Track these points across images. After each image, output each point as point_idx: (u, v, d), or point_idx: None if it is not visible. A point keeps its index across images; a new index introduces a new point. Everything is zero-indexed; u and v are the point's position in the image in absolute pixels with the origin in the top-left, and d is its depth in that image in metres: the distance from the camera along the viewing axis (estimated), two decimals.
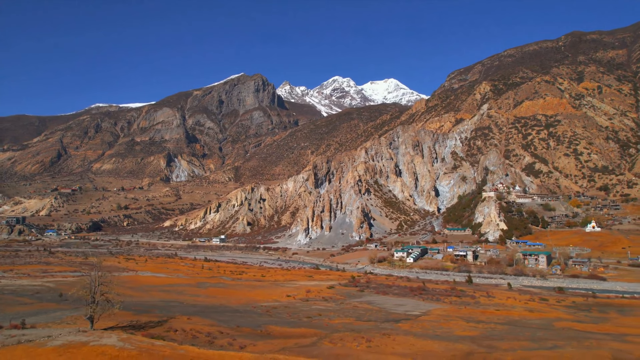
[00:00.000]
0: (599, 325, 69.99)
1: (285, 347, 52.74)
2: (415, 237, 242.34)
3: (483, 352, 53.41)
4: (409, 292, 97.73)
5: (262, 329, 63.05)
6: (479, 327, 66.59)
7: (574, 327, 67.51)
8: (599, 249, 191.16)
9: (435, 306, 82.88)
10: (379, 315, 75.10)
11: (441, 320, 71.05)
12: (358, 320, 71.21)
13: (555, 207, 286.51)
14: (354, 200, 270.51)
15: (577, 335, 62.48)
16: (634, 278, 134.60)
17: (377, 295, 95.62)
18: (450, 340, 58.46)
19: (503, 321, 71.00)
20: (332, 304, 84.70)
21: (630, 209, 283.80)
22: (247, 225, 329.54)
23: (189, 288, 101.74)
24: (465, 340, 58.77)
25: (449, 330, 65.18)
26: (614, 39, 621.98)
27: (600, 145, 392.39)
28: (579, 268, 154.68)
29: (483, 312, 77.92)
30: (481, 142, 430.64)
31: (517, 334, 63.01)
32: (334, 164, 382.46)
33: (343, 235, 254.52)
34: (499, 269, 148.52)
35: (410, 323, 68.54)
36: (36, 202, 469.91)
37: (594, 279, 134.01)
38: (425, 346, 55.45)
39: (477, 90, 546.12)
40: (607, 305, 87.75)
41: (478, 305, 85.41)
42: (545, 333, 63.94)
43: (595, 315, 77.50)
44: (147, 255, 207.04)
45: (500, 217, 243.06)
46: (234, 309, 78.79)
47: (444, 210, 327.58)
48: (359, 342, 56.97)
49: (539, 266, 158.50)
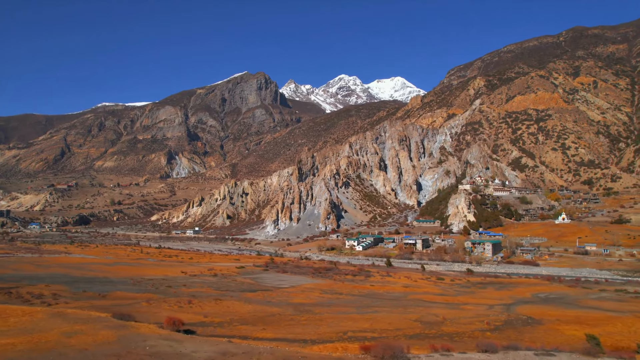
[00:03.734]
0: (456, 298, 70.01)
1: (94, 305, 53.77)
2: (383, 228, 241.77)
3: (290, 314, 54.14)
4: (309, 272, 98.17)
5: (104, 294, 64.25)
6: (325, 297, 67.09)
7: (424, 299, 67.65)
8: (557, 239, 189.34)
9: (313, 281, 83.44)
10: (244, 287, 75.92)
11: (299, 292, 71.60)
12: (217, 289, 72.18)
13: (532, 200, 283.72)
14: (323, 192, 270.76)
15: (415, 305, 62.53)
16: (567, 264, 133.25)
17: (275, 274, 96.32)
18: (274, 305, 59.11)
19: (360, 294, 71.32)
20: (216, 279, 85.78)
21: (610, 202, 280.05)
22: (227, 219, 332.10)
23: (98, 266, 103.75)
24: (289, 306, 59.33)
25: (291, 298, 65.77)
26: (616, 34, 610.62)
27: (589, 140, 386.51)
28: (525, 256, 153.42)
29: (354, 287, 78.30)
30: (470, 137, 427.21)
31: (352, 302, 63.24)
32: (318, 159, 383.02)
33: (310, 227, 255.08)
34: (439, 256, 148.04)
35: (263, 293, 69.27)
36: (31, 198, 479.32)
37: (528, 264, 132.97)
38: (239, 308, 56.36)
39: (471, 85, 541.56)
40: (495, 284, 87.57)
41: (362, 282, 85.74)
42: (385, 302, 64.06)
43: (467, 291, 77.45)
44: (110, 244, 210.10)
45: (470, 209, 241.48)
46: (110, 280, 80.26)
47: (424, 204, 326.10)
48: (182, 304, 57.84)
49: (485, 254, 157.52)
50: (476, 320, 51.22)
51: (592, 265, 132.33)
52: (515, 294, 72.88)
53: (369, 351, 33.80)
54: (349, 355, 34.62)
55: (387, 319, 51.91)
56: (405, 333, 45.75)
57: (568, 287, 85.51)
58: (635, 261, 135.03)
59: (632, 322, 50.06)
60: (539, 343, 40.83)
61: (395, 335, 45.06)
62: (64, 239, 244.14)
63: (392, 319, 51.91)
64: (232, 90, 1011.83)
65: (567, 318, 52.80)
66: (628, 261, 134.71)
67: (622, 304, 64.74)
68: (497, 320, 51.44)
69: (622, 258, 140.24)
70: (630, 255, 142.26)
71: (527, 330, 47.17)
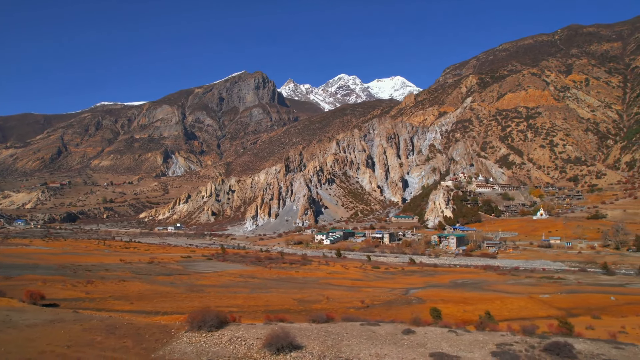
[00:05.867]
0: (369, 282, 70.54)
1: None
2: (361, 224, 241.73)
3: (179, 292, 54.61)
4: (249, 261, 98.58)
5: (12, 277, 64.73)
6: (236, 280, 67.64)
7: (334, 283, 68.53)
8: (528, 233, 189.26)
9: (242, 268, 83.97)
10: (165, 271, 76.46)
11: (215, 276, 72.16)
12: (135, 273, 72.89)
13: (515, 196, 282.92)
14: (302, 188, 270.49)
15: (317, 287, 62.85)
16: (525, 256, 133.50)
17: (215, 262, 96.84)
18: (173, 286, 59.57)
19: (274, 278, 71.81)
20: (147, 265, 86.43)
21: (593, 199, 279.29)
22: (212, 215, 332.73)
23: (42, 255, 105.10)
24: (188, 286, 59.80)
25: (198, 280, 66.23)
26: (612, 32, 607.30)
27: (578, 137, 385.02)
28: (489, 249, 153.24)
29: (278, 272, 79.16)
30: (460, 135, 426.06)
31: (257, 285, 63.57)
32: (306, 156, 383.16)
33: (287, 222, 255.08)
34: (401, 249, 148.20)
35: (175, 277, 69.93)
36: (23, 196, 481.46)
37: (486, 257, 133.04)
38: (135, 287, 56.99)
39: (464, 83, 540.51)
40: (424, 272, 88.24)
41: (290, 269, 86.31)
42: (291, 284, 64.33)
43: (388, 277, 78.14)
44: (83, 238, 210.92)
45: (448, 205, 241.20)
46: (36, 266, 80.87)
47: (408, 200, 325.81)
48: (78, 284, 58.40)
49: (450, 247, 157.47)
50: (358, 300, 51.31)
51: (549, 257, 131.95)
52: (435, 280, 73.05)
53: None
54: (176, 322, 34.92)
55: (271, 298, 52.12)
56: (271, 309, 45.87)
57: (498, 275, 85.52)
58: (594, 253, 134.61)
59: (512, 302, 50.14)
60: (388, 318, 40.90)
61: (261, 310, 45.24)
62: (44, 234, 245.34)
63: (276, 298, 52.14)
64: (229, 89, 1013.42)
65: (454, 299, 52.87)
66: (586, 253, 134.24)
67: (530, 288, 64.74)
68: (380, 300, 51.55)
69: (581, 251, 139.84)
70: (590, 248, 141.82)
71: (398, 308, 47.24)
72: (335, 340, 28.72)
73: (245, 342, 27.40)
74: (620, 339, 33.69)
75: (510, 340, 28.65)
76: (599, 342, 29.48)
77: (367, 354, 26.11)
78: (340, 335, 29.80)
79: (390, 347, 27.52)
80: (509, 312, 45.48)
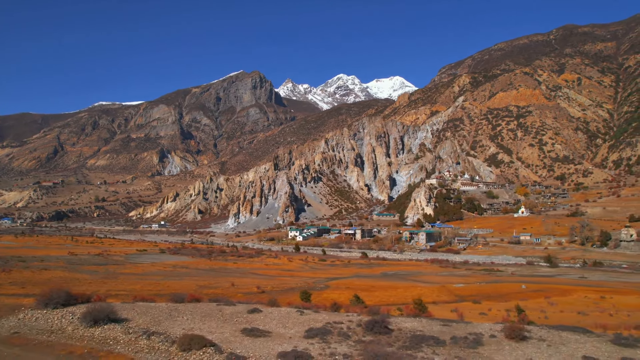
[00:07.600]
0: (298, 273, 70.61)
1: None
2: (342, 222, 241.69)
3: (93, 279, 54.89)
4: (200, 254, 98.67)
5: None
6: (165, 269, 67.60)
7: (261, 273, 68.50)
8: (504, 230, 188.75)
9: (185, 260, 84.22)
10: (100, 262, 76.72)
11: (149, 266, 72.29)
12: (67, 263, 72.94)
13: (499, 194, 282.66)
14: (284, 185, 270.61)
15: (240, 276, 63.03)
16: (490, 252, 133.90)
17: (167, 255, 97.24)
18: (92, 273, 59.68)
19: (205, 268, 71.90)
20: (90, 257, 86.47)
21: (578, 197, 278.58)
22: (199, 214, 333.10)
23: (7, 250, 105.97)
24: (109, 274, 59.95)
25: (126, 269, 66.43)
26: (606, 32, 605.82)
27: (567, 136, 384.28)
28: (459, 245, 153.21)
29: (215, 264, 79.16)
30: (450, 134, 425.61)
31: (180, 273, 63.73)
32: (295, 155, 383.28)
33: (268, 220, 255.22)
34: (368, 245, 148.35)
35: (107, 267, 70.12)
36: (15, 194, 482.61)
37: (450, 252, 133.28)
38: (50, 275, 57.17)
39: (456, 83, 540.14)
40: (366, 265, 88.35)
41: (234, 261, 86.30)
42: (213, 273, 64.45)
43: (322, 268, 78.98)
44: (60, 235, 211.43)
45: (429, 202, 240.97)
46: None
47: (395, 199, 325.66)
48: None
49: (419, 243, 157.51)
50: (261, 287, 51.43)
51: (514, 253, 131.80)
52: (368, 271, 73.37)
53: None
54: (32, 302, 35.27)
55: (175, 285, 52.26)
56: (169, 292, 45.98)
57: (441, 267, 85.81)
58: (560, 249, 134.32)
59: (417, 290, 50.31)
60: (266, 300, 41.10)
61: (152, 294, 45.23)
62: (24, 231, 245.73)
63: (183, 284, 52.33)
64: (227, 89, 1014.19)
65: (361, 287, 53.08)
66: (552, 249, 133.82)
67: (455, 278, 64.81)
68: (285, 287, 51.66)
69: (548, 247, 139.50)
70: (558, 244, 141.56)
71: (292, 294, 47.29)
72: (168, 317, 28.86)
73: (74, 316, 27.67)
74: (474, 319, 33.76)
75: (345, 320, 28.85)
76: (431, 320, 29.68)
77: (180, 329, 26.24)
78: (182, 313, 29.93)
79: (212, 323, 27.63)
80: (403, 298, 45.45)
